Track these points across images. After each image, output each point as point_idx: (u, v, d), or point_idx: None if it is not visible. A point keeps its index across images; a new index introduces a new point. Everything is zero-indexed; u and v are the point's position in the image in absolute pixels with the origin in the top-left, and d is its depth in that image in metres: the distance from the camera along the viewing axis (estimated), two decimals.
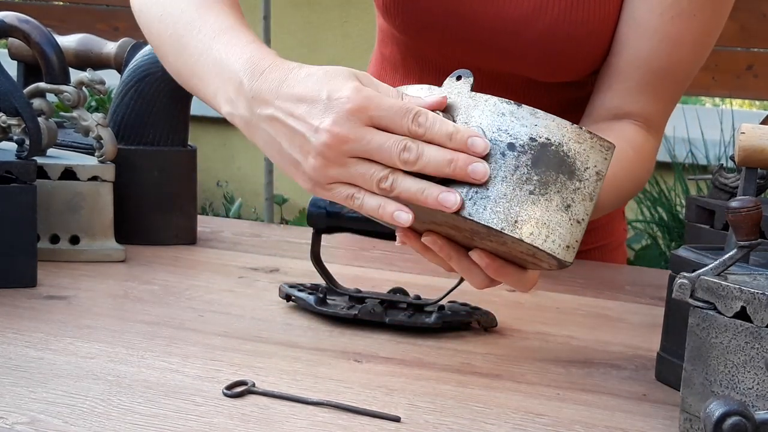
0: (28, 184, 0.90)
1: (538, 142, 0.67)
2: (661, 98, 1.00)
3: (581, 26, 1.00)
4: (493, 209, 0.67)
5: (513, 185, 0.67)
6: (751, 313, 0.59)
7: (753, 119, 2.65)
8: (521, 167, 0.67)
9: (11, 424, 0.60)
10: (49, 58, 1.04)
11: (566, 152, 0.67)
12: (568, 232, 0.68)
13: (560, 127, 0.68)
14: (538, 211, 0.67)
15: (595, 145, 0.68)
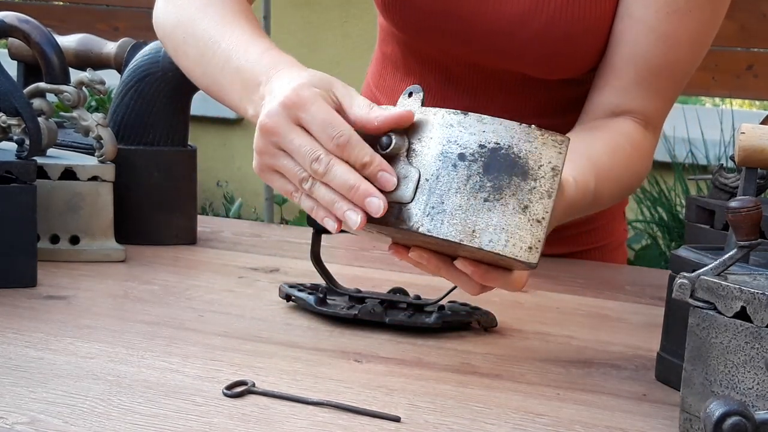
0: (28, 184, 0.90)
1: (487, 148, 0.68)
2: (659, 96, 1.00)
3: (577, 23, 1.00)
4: (450, 222, 0.67)
5: (467, 195, 0.67)
6: (751, 313, 0.59)
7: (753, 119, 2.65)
8: (473, 176, 0.67)
9: (11, 424, 0.60)
10: (49, 58, 1.04)
11: (517, 153, 0.67)
12: (528, 234, 0.67)
13: (508, 129, 0.68)
14: (494, 217, 0.67)
15: (546, 141, 0.68)
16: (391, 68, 1.19)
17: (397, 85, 1.18)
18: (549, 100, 1.10)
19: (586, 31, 1.00)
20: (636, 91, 0.99)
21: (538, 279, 1.07)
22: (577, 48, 1.01)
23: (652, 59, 0.98)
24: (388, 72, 1.20)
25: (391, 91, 1.19)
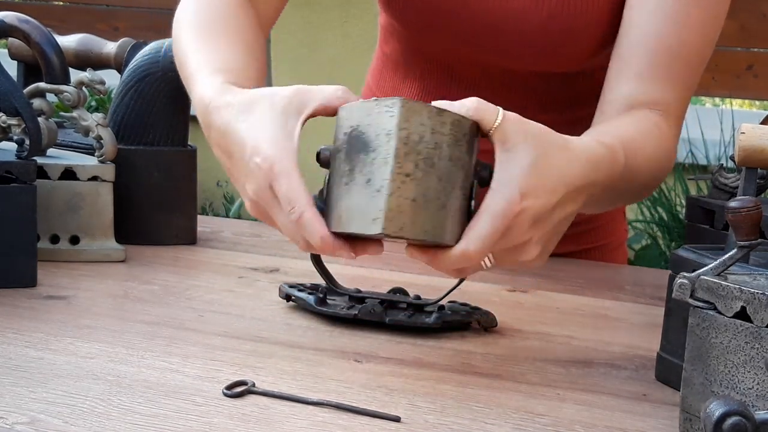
0: (28, 184, 0.90)
1: (347, 135, 0.68)
2: (674, 82, 0.96)
3: (579, 17, 0.99)
4: (332, 215, 0.69)
5: (338, 186, 0.68)
6: (751, 313, 0.59)
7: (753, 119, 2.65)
8: (341, 165, 0.68)
9: (11, 424, 0.60)
10: (49, 58, 1.04)
11: (362, 130, 0.67)
12: (367, 205, 0.66)
13: (358, 109, 0.68)
14: (349, 198, 0.67)
15: (381, 109, 0.66)
16: (391, 68, 1.19)
17: (398, 84, 1.18)
18: (552, 95, 1.10)
19: (587, 24, 1.00)
20: (651, 78, 0.95)
21: (538, 279, 1.07)
22: (579, 40, 1.01)
23: (664, 39, 0.94)
24: (388, 72, 1.20)
25: (391, 91, 1.19)
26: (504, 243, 0.69)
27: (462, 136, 0.67)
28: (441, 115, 0.66)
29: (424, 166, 0.65)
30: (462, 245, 0.67)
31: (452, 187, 0.66)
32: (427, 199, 0.66)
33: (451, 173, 0.66)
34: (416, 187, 0.65)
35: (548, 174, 0.70)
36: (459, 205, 0.67)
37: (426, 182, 0.65)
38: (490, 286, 1.02)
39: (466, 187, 0.68)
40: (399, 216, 0.65)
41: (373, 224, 0.65)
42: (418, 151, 0.65)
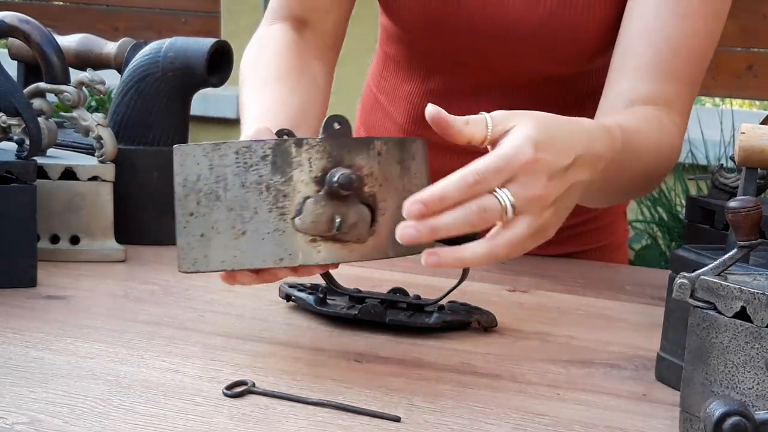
0: (28, 184, 0.90)
1: None
2: (676, 78, 0.94)
3: (581, 13, 0.99)
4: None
5: None
6: (751, 313, 0.59)
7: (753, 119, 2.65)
8: None
9: (11, 424, 0.60)
10: (50, 58, 1.04)
11: None
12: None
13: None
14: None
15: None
16: (393, 69, 1.19)
17: (399, 85, 1.18)
18: (556, 96, 1.10)
19: (589, 22, 0.99)
20: (652, 72, 0.94)
21: (538, 279, 1.07)
22: (582, 39, 1.01)
23: (666, 30, 0.93)
24: (389, 72, 1.20)
25: (392, 92, 1.19)
26: (524, 191, 0.68)
27: (260, 160, 0.67)
28: (218, 149, 0.68)
29: (206, 202, 0.68)
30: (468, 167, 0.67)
31: (253, 212, 0.67)
32: (218, 231, 0.68)
33: (248, 199, 0.67)
34: (203, 222, 0.68)
35: (557, 135, 0.70)
36: (274, 226, 0.67)
37: (214, 216, 0.68)
38: (490, 286, 1.02)
39: (284, 206, 0.67)
40: (190, 253, 0.70)
41: (179, 264, 0.71)
42: (198, 189, 0.69)
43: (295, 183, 0.67)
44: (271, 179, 0.67)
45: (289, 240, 0.67)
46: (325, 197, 0.67)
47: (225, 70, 1.11)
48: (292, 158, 0.67)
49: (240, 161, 0.68)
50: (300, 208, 0.67)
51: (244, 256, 0.68)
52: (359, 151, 0.69)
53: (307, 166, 0.67)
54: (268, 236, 0.67)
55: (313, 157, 0.67)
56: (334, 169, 0.67)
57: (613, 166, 0.79)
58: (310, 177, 0.67)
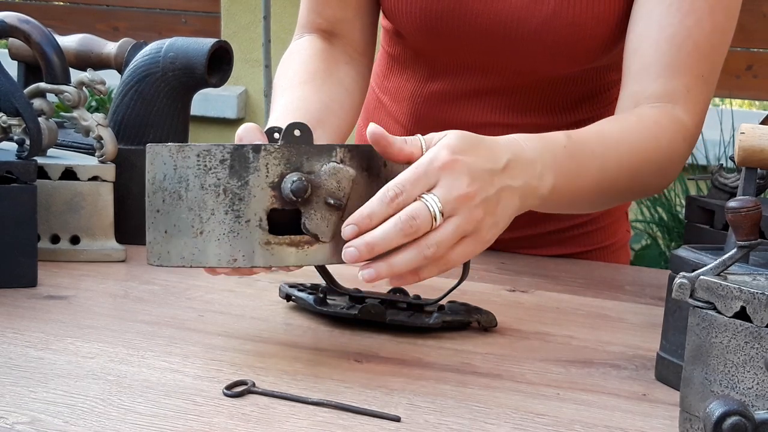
0: (29, 184, 0.90)
1: None
2: (682, 71, 0.93)
3: (584, 12, 0.99)
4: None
5: None
6: (751, 313, 0.59)
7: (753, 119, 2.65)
8: None
9: (11, 423, 0.60)
10: (50, 58, 1.04)
11: None
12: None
13: None
14: None
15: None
16: (396, 69, 1.19)
17: (402, 85, 1.18)
18: (559, 96, 1.10)
19: (594, 20, 0.99)
20: (657, 69, 0.93)
21: (538, 279, 1.07)
22: (586, 37, 1.00)
23: (668, 27, 0.93)
24: (393, 73, 1.19)
25: (395, 92, 1.19)
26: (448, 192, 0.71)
27: (218, 163, 0.69)
28: (182, 151, 0.70)
29: (170, 201, 0.71)
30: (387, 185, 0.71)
31: (210, 213, 0.70)
32: (179, 229, 0.71)
33: (206, 201, 0.70)
34: (166, 220, 0.71)
35: (480, 143, 0.75)
36: (229, 228, 0.70)
37: (176, 214, 0.71)
38: (490, 286, 1.02)
39: (240, 209, 0.69)
40: (156, 247, 0.73)
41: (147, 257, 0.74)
42: (164, 187, 0.71)
43: (251, 187, 0.69)
44: (228, 182, 0.69)
45: (243, 242, 0.70)
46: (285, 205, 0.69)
47: (225, 71, 1.11)
48: (249, 163, 0.69)
49: (200, 164, 0.70)
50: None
51: (201, 255, 0.70)
52: (319, 158, 0.70)
53: (264, 172, 0.69)
54: (224, 237, 0.70)
55: (270, 162, 0.69)
56: (288, 176, 0.69)
57: (563, 167, 0.81)
58: (266, 182, 0.69)
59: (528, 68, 1.06)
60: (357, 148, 0.72)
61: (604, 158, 0.87)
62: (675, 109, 0.94)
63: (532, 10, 1.00)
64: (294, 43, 1.10)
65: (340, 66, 1.05)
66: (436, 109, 1.14)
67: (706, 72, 0.95)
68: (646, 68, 0.94)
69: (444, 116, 1.13)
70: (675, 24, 0.93)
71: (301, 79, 1.00)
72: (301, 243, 0.70)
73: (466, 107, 1.12)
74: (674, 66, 0.94)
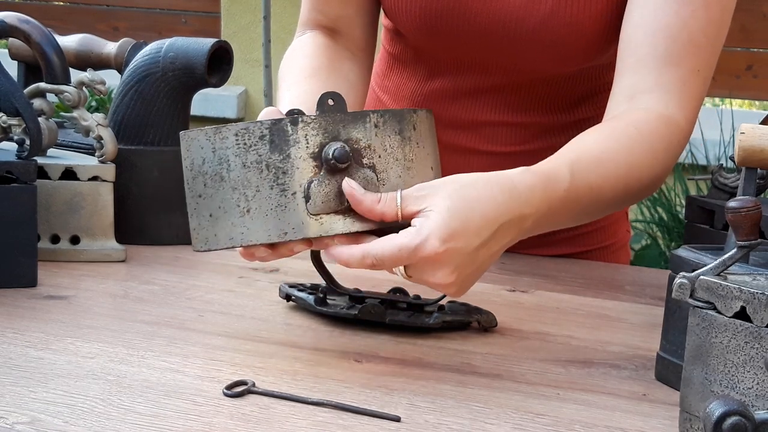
0: (29, 184, 0.90)
1: None
2: (676, 63, 0.92)
3: (583, 10, 0.99)
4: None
5: None
6: (751, 313, 0.59)
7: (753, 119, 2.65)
8: None
9: (11, 423, 0.60)
10: (50, 58, 1.04)
11: None
12: None
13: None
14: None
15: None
16: (396, 68, 1.19)
17: (402, 85, 1.18)
18: (558, 95, 1.10)
19: (590, 18, 0.99)
20: (650, 61, 0.92)
21: (538, 279, 1.07)
22: (584, 35, 1.00)
23: (662, 19, 0.92)
24: (393, 72, 1.19)
25: (395, 91, 1.19)
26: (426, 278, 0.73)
27: (258, 140, 0.70)
28: (219, 132, 0.71)
29: (212, 183, 0.71)
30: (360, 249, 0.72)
31: (255, 190, 0.70)
32: (225, 210, 0.71)
33: (249, 178, 0.70)
34: (210, 203, 0.72)
35: (468, 218, 0.72)
36: (276, 203, 0.70)
37: (220, 196, 0.71)
38: (490, 286, 1.02)
39: (285, 182, 0.70)
40: (201, 233, 0.73)
41: (193, 244, 0.74)
42: (204, 171, 0.72)
43: (293, 160, 0.70)
44: (270, 158, 0.70)
45: (292, 214, 0.70)
46: (326, 175, 0.70)
47: (225, 71, 1.11)
48: (289, 136, 0.70)
49: (240, 142, 0.70)
50: (307, 193, 0.70)
51: (251, 233, 0.70)
52: (355, 125, 0.71)
53: (304, 143, 0.70)
54: (271, 212, 0.70)
55: (309, 134, 0.70)
56: (329, 144, 0.70)
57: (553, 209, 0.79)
58: (307, 153, 0.70)
59: (527, 67, 1.06)
60: (389, 112, 0.73)
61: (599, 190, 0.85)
62: (669, 106, 0.92)
63: (531, 9, 1.00)
64: (297, 40, 1.10)
65: (343, 62, 1.06)
66: (436, 108, 1.14)
67: (701, 66, 0.94)
68: (641, 60, 0.93)
69: (444, 115, 1.13)
70: (670, 15, 0.92)
71: (306, 74, 1.00)
72: (346, 211, 0.71)
73: (465, 106, 1.12)
74: (669, 58, 0.92)
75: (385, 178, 0.72)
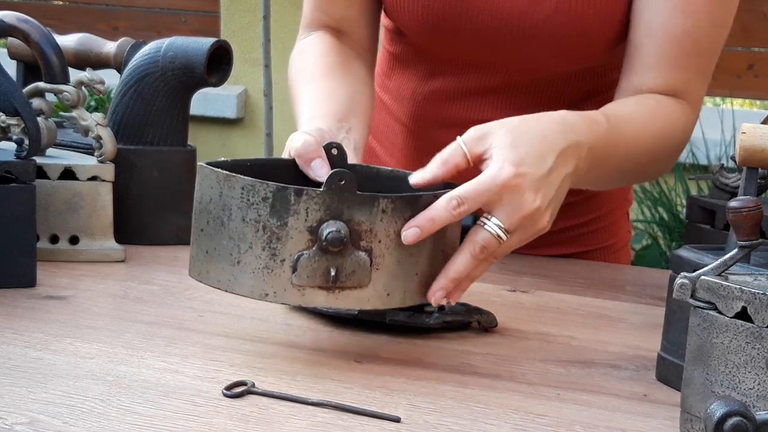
0: (28, 184, 0.90)
1: None
2: (685, 68, 0.97)
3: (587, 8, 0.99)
4: None
5: None
6: (752, 314, 0.59)
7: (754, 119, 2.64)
8: None
9: (11, 424, 0.60)
10: (49, 57, 1.03)
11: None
12: None
13: None
14: None
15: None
16: (397, 68, 1.19)
17: (403, 84, 1.18)
18: (562, 93, 1.10)
19: (596, 15, 0.99)
20: (658, 66, 0.97)
21: (538, 279, 1.07)
22: (589, 34, 1.01)
23: (671, 29, 0.96)
24: (394, 72, 1.19)
25: (396, 91, 1.19)
26: (517, 212, 0.75)
27: (261, 200, 0.70)
28: (229, 180, 0.71)
29: (213, 224, 0.72)
30: (443, 197, 0.73)
31: (248, 246, 0.70)
32: (218, 253, 0.72)
33: (245, 233, 0.70)
34: (208, 241, 0.72)
35: (531, 144, 0.76)
36: (264, 264, 0.70)
37: (217, 239, 0.71)
38: (490, 286, 1.02)
39: (276, 248, 0.70)
40: (197, 264, 0.74)
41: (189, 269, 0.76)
42: (209, 210, 0.72)
43: (289, 229, 0.70)
44: (268, 220, 0.70)
45: (276, 280, 0.70)
46: (317, 251, 0.69)
47: (224, 70, 1.11)
48: (290, 205, 0.70)
49: (244, 197, 0.70)
50: (295, 264, 0.70)
51: (236, 283, 0.71)
52: (361, 208, 0.70)
53: (303, 215, 0.70)
54: (258, 271, 0.70)
55: (311, 207, 0.69)
56: (327, 223, 0.69)
57: (599, 149, 0.84)
58: (304, 226, 0.70)
59: (530, 65, 1.06)
60: (401, 198, 0.72)
61: (632, 143, 0.90)
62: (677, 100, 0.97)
63: (534, 6, 1.00)
64: (302, 41, 1.10)
65: (353, 61, 1.06)
66: (437, 108, 1.14)
67: (704, 67, 0.99)
68: (648, 64, 0.97)
69: (445, 114, 1.13)
70: (677, 27, 0.96)
71: (322, 73, 1.01)
72: (332, 287, 0.70)
73: (467, 105, 1.12)
74: (676, 63, 0.97)
75: (381, 263, 0.71)
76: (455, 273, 0.74)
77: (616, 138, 0.87)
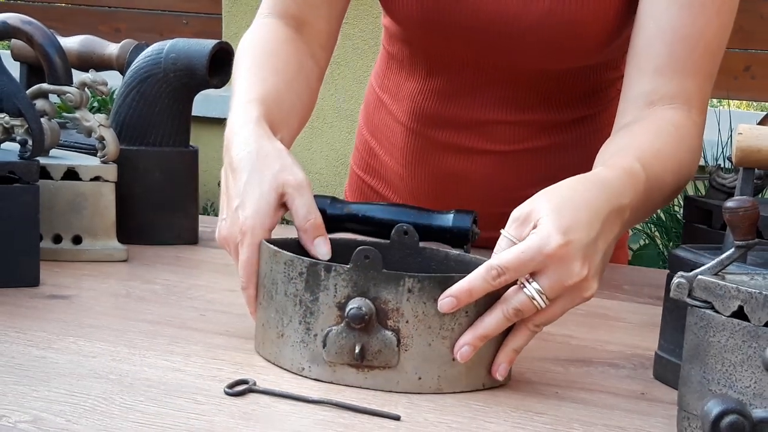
0: (31, 185, 0.90)
1: None
2: (694, 72, 0.94)
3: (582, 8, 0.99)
4: None
5: None
6: (749, 312, 0.59)
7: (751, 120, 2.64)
8: None
9: (14, 422, 0.60)
10: (52, 59, 1.04)
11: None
12: None
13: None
14: None
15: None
16: (395, 67, 1.19)
17: (402, 84, 1.18)
18: (558, 93, 1.10)
19: (588, 17, 0.99)
20: (670, 70, 0.93)
21: None
22: (583, 34, 1.01)
23: (681, 29, 0.93)
24: (392, 71, 1.20)
25: (395, 91, 1.19)
26: (562, 281, 0.70)
27: (298, 275, 0.71)
28: (275, 256, 0.73)
29: (266, 298, 0.74)
30: (483, 265, 0.69)
31: (289, 320, 0.72)
32: (270, 326, 0.74)
33: (287, 307, 0.72)
34: (264, 313, 0.75)
35: (578, 210, 0.72)
36: (300, 338, 0.71)
37: (268, 312, 0.74)
38: None
39: (310, 322, 0.71)
40: (258, 334, 0.76)
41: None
42: (264, 284, 0.75)
43: (320, 304, 0.71)
44: (303, 295, 0.71)
45: (311, 354, 0.71)
46: (345, 328, 0.70)
47: (226, 72, 1.11)
48: (321, 281, 0.70)
49: (286, 272, 0.72)
50: (324, 340, 0.70)
51: (280, 356, 0.73)
52: (386, 286, 0.69)
53: (333, 291, 0.70)
54: (297, 345, 0.72)
55: (339, 283, 0.70)
56: (353, 299, 0.69)
57: (639, 203, 0.80)
58: (333, 302, 0.70)
59: (525, 64, 1.06)
60: (429, 278, 0.70)
61: (664, 183, 0.87)
62: (690, 109, 0.94)
63: (529, 7, 1.00)
64: (261, 21, 1.05)
65: (307, 61, 1.02)
66: (436, 107, 1.14)
67: (713, 70, 0.97)
68: (660, 69, 0.94)
69: (444, 114, 1.13)
70: (687, 27, 0.93)
71: (274, 67, 0.96)
72: (361, 366, 0.70)
73: (465, 104, 1.12)
74: (688, 67, 0.94)
75: (410, 344, 0.70)
76: (483, 330, 0.70)
77: (652, 186, 0.83)
